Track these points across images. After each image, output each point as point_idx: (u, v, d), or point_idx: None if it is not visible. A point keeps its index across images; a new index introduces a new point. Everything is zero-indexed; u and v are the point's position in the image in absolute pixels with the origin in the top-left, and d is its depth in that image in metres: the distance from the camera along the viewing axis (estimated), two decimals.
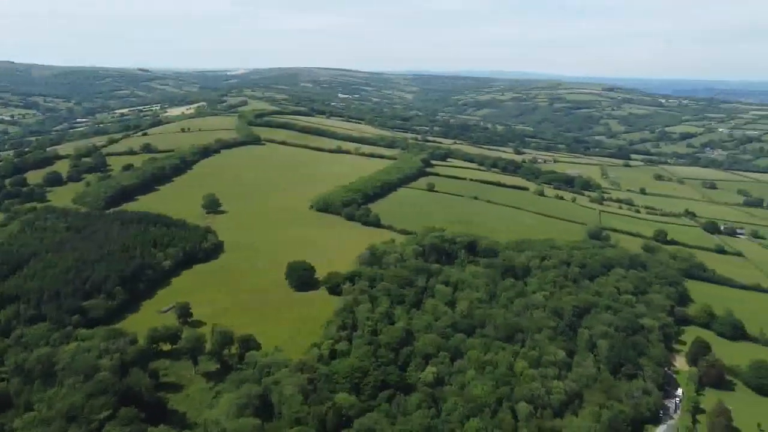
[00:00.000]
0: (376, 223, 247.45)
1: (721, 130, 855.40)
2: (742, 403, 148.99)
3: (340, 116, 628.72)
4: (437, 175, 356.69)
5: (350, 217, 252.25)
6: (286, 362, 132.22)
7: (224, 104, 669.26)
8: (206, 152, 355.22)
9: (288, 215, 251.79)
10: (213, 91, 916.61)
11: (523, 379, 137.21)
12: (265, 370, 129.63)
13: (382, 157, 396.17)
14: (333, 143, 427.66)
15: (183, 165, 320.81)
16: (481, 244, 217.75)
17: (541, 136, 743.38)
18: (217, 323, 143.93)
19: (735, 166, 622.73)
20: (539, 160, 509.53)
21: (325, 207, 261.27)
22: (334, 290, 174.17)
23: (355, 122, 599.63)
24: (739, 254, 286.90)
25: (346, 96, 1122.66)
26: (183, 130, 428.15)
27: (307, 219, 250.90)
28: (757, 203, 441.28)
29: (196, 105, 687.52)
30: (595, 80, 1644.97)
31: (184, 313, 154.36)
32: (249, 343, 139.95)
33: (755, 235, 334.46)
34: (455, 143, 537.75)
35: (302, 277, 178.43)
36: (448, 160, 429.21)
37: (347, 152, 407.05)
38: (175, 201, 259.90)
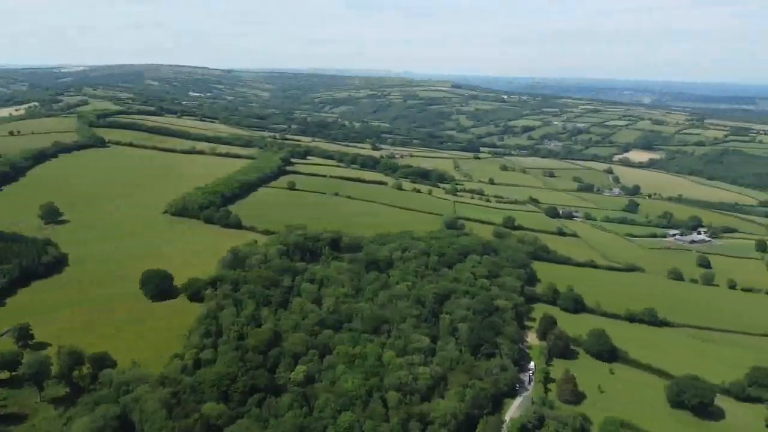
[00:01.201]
0: (237, 225, 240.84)
1: (556, 123, 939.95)
2: (584, 369, 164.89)
3: (193, 115, 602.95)
4: (298, 173, 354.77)
5: (209, 220, 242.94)
6: (146, 377, 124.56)
7: (61, 104, 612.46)
8: (41, 157, 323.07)
9: (141, 221, 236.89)
10: (46, 90, 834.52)
11: (391, 369, 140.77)
12: (123, 388, 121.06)
13: (239, 156, 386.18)
14: (186, 144, 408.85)
15: (13, 172, 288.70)
16: (344, 240, 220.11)
17: (396, 132, 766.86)
18: (64, 343, 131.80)
19: (569, 156, 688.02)
20: (396, 156, 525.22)
21: (181, 211, 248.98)
22: (196, 297, 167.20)
23: (209, 121, 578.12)
24: (575, 235, 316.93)
25: (198, 94, 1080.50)
26: (12, 134, 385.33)
27: (162, 224, 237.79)
28: (589, 188, 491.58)
29: (26, 105, 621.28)
30: (445, 77, 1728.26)
31: (24, 335, 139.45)
32: (103, 362, 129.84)
33: (588, 217, 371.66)
34: (314, 141, 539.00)
35: (159, 286, 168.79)
36: (308, 157, 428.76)
37: (202, 153, 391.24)
38: (5, 212, 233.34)
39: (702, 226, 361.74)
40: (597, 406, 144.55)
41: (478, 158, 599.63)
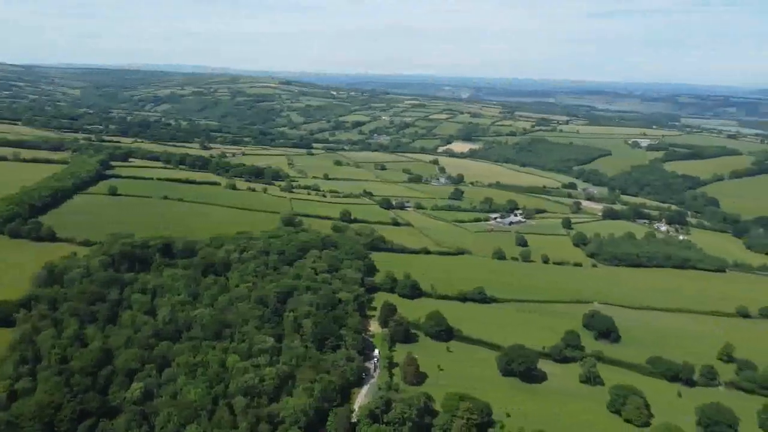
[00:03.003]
0: (51, 237, 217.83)
1: (384, 118, 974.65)
2: (425, 350, 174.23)
3: None
4: (119, 176, 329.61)
5: (16, 234, 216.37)
6: None
7: None
8: None
9: None
10: None
11: (236, 373, 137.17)
12: None
13: (49, 161, 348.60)
14: None
15: None
16: (177, 245, 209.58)
17: (226, 130, 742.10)
18: None
19: (398, 149, 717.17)
20: (228, 155, 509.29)
21: None
22: (5, 322, 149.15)
23: (9, 123, 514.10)
24: (409, 224, 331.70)
25: None
26: None
27: None
28: (418, 179, 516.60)
29: None
30: (272, 74, 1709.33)
31: None
32: None
33: (419, 207, 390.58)
34: (136, 141, 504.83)
35: None
36: (131, 160, 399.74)
37: (4, 159, 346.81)
38: None
39: (518, 209, 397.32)
40: (438, 384, 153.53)
41: (312, 154, 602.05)
